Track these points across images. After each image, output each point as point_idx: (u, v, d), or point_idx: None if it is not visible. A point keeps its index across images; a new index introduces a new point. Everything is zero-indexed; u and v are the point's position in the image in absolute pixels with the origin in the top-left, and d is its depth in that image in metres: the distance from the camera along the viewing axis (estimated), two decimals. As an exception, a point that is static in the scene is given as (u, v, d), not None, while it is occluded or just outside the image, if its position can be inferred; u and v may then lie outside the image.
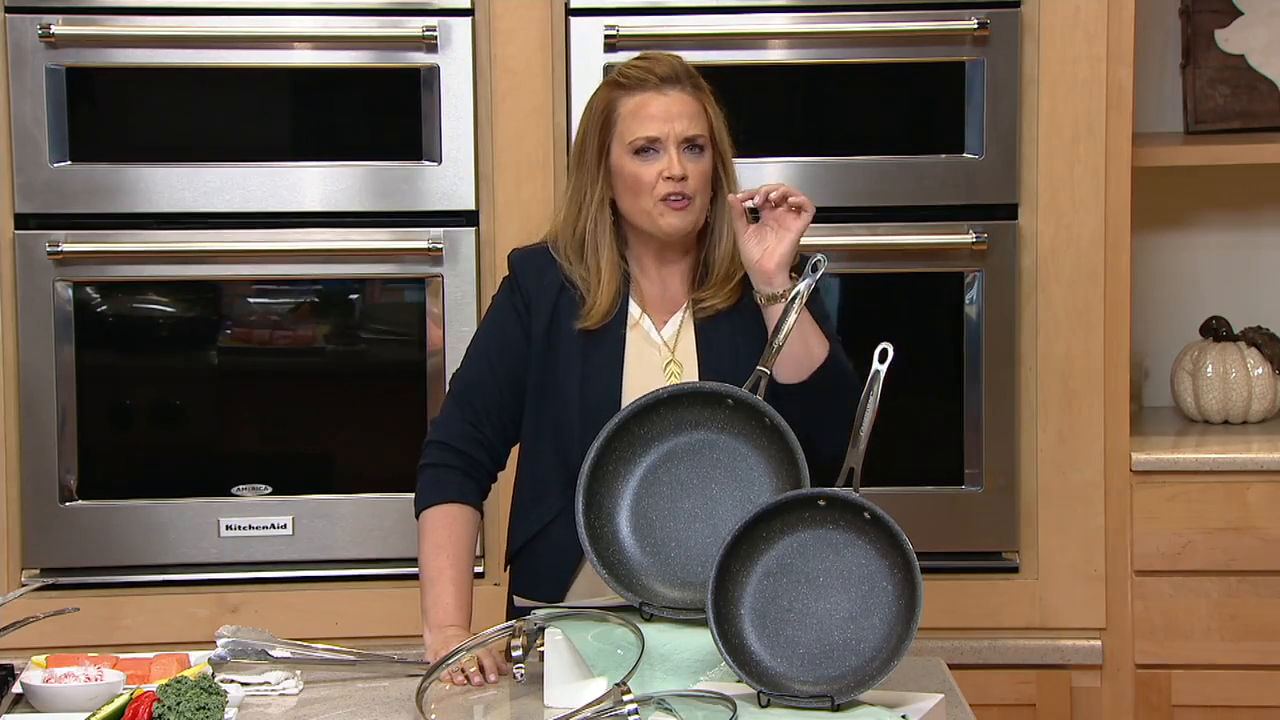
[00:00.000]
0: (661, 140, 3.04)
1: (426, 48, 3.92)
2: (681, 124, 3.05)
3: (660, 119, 3.05)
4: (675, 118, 3.05)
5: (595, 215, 3.11)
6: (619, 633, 2.82)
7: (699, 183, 3.06)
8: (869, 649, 2.67)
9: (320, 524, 4.00)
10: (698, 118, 3.06)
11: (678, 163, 3.04)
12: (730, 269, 3.10)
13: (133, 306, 4.01)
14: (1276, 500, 4.00)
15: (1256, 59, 4.41)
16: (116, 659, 2.91)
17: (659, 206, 3.05)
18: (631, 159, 3.06)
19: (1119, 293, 4.00)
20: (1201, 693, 4.03)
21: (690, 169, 3.05)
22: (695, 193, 3.06)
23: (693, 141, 3.05)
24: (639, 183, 3.06)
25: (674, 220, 3.06)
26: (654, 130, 3.05)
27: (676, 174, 3.03)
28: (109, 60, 3.91)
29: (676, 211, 3.05)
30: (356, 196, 3.95)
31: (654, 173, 3.05)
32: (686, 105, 3.06)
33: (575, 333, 3.12)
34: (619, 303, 3.12)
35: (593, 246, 3.11)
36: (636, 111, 3.06)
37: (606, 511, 2.92)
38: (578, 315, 3.12)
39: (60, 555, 3.97)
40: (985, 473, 4.02)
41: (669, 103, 3.06)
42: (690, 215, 3.06)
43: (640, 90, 3.07)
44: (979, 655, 4.01)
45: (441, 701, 2.85)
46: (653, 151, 3.05)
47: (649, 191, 3.05)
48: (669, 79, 3.07)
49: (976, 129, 3.96)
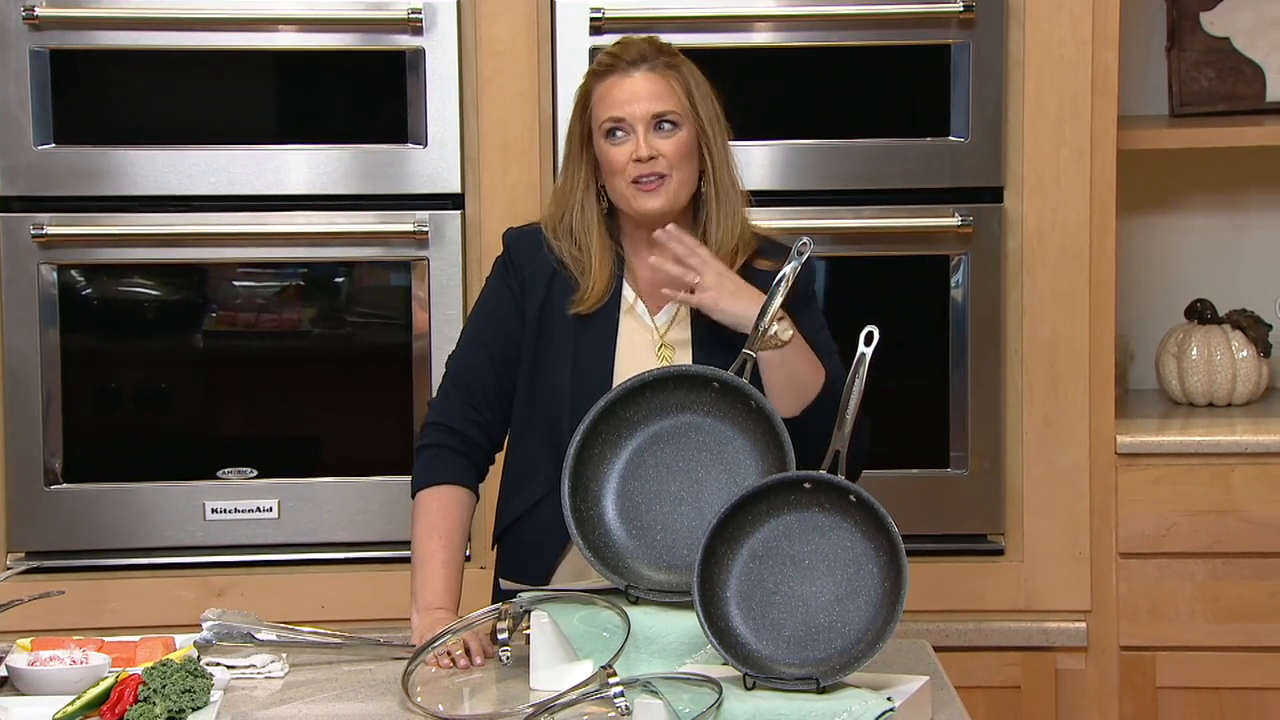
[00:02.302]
0: (628, 121, 3.06)
1: (412, 30, 3.91)
2: (646, 104, 3.06)
3: (625, 100, 3.06)
4: (641, 98, 3.06)
5: (582, 202, 3.12)
6: (605, 615, 2.82)
7: (674, 160, 3.06)
8: (854, 631, 2.67)
9: (306, 507, 4.00)
10: (664, 95, 3.07)
11: (644, 143, 3.05)
12: (726, 250, 3.09)
13: (117, 290, 4.00)
14: (1260, 483, 4.01)
15: (1241, 42, 4.41)
16: (102, 642, 2.91)
17: (631, 189, 3.07)
18: (604, 142, 3.08)
19: (1104, 275, 4.01)
20: (1186, 674, 4.04)
21: (661, 146, 3.05)
22: (670, 169, 3.06)
23: (661, 118, 3.06)
24: (611, 165, 3.07)
25: (645, 202, 3.07)
26: (619, 111, 3.06)
27: (643, 154, 3.04)
28: (93, 43, 3.90)
29: (647, 193, 3.06)
30: (342, 179, 3.95)
31: (625, 155, 3.06)
32: (652, 84, 3.07)
33: (569, 315, 3.12)
34: (613, 286, 3.13)
35: (582, 232, 3.12)
36: (605, 95, 3.08)
37: (592, 494, 2.93)
38: (571, 297, 3.12)
39: (45, 539, 3.97)
40: (971, 455, 4.03)
41: (633, 84, 3.07)
42: (664, 195, 3.07)
43: (610, 74, 3.09)
44: (964, 638, 4.02)
45: (427, 684, 2.86)
46: (621, 133, 3.07)
47: (621, 173, 3.07)
48: (634, 61, 3.08)
49: (962, 112, 3.96)
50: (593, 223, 3.12)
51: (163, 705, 2.64)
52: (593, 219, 3.12)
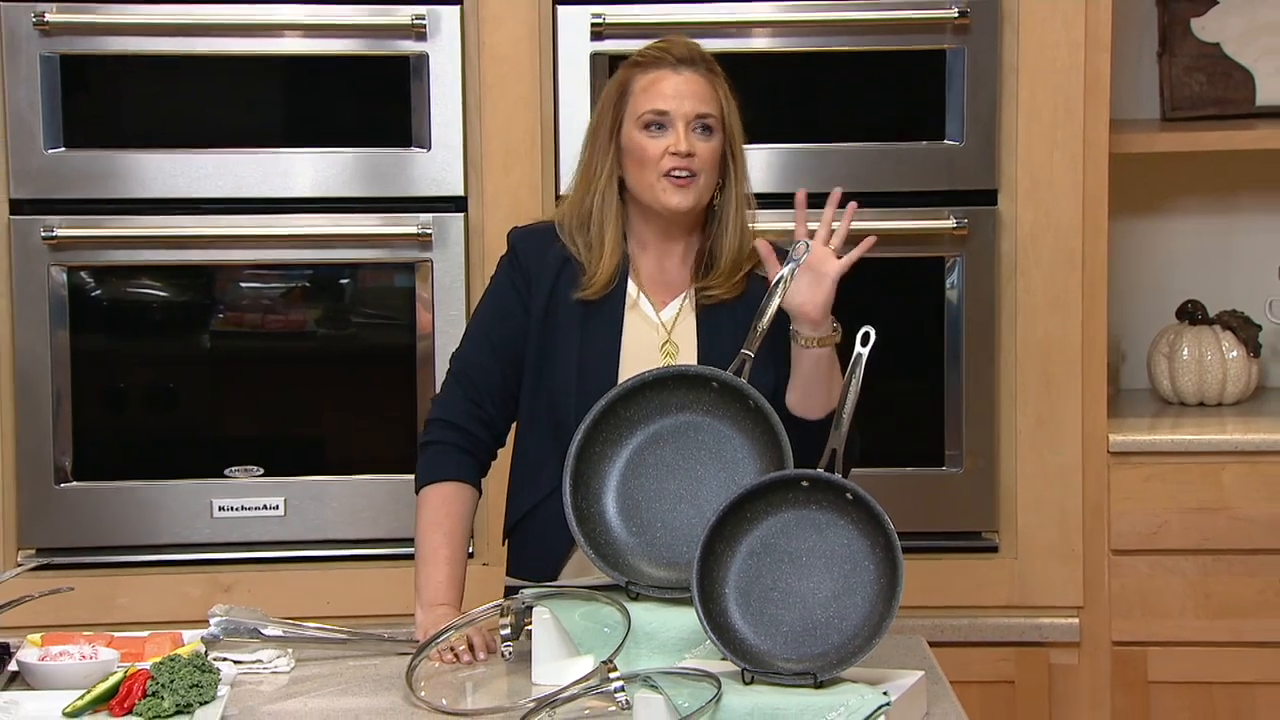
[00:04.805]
0: (670, 115, 3.07)
1: (416, 36, 3.93)
2: (691, 103, 3.07)
3: (671, 95, 3.07)
4: (686, 96, 3.07)
5: (604, 190, 3.13)
6: (606, 611, 2.83)
7: (706, 162, 3.08)
8: (851, 627, 2.67)
9: (312, 505, 4.01)
10: (709, 99, 3.09)
11: (684, 139, 3.06)
12: (736, 261, 3.12)
13: (126, 291, 4.01)
14: (1250, 481, 4.02)
15: (1232, 47, 4.41)
16: (111, 637, 2.92)
17: (662, 181, 3.07)
18: (640, 133, 3.08)
19: (1096, 277, 4.01)
20: (1177, 669, 4.05)
21: (699, 147, 3.07)
22: (701, 171, 3.08)
23: (703, 120, 3.08)
24: (645, 155, 3.07)
25: (675, 197, 3.07)
26: (664, 105, 3.07)
27: (682, 149, 3.05)
28: (102, 48, 3.91)
29: (679, 188, 3.07)
30: (347, 182, 3.96)
31: (661, 147, 3.07)
32: (699, 86, 3.09)
33: (574, 312, 3.13)
34: (618, 277, 3.14)
35: (598, 220, 3.12)
36: (649, 87, 3.09)
37: (594, 492, 2.94)
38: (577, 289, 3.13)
39: (55, 535, 3.98)
40: (965, 454, 4.04)
41: (681, 81, 3.08)
42: (693, 194, 3.08)
43: (656, 68, 3.10)
44: (959, 633, 4.03)
45: (431, 679, 2.87)
46: (661, 127, 3.07)
47: (654, 165, 3.07)
48: (684, 60, 3.10)
49: (957, 116, 3.97)
50: (611, 212, 3.12)
51: (171, 699, 2.65)
52: (611, 208, 3.12)
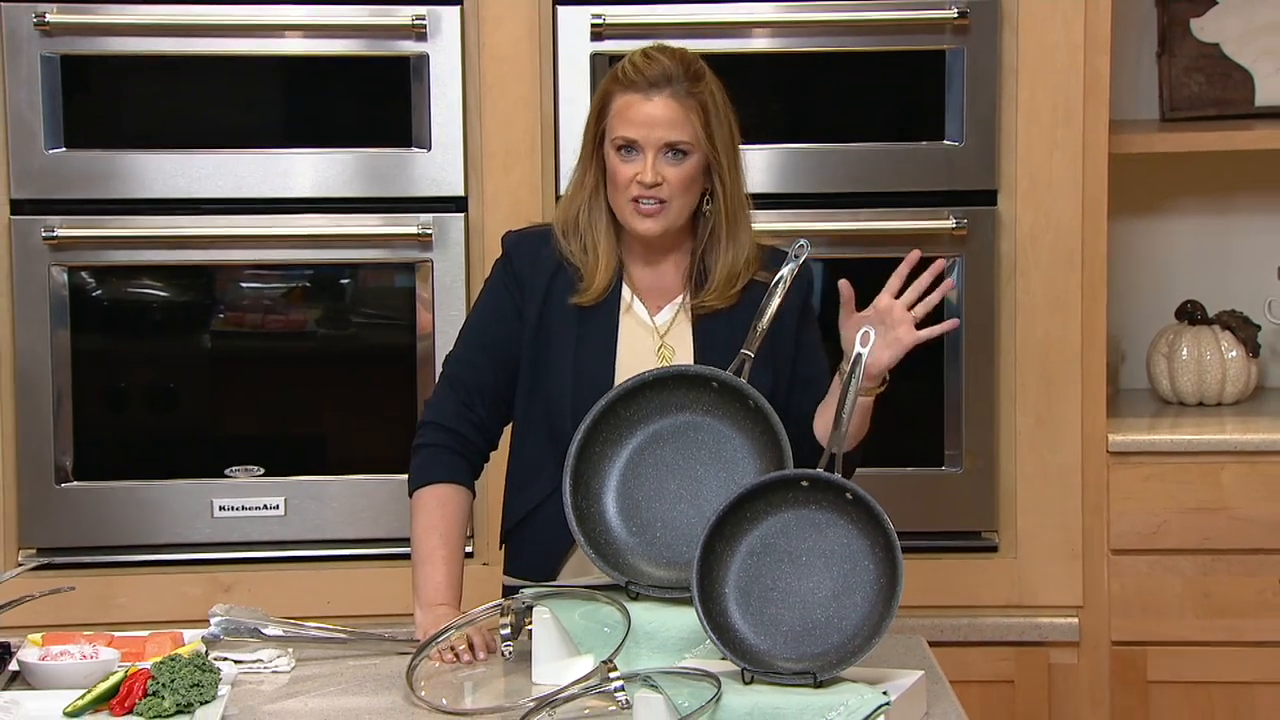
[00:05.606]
0: (640, 144, 3.04)
1: (416, 36, 3.93)
2: (661, 130, 3.03)
3: (641, 124, 3.03)
4: (657, 124, 3.03)
5: (590, 200, 3.12)
6: (606, 611, 2.84)
7: (676, 188, 3.05)
8: (851, 627, 2.68)
9: (312, 505, 4.01)
10: (679, 124, 3.04)
11: (650, 169, 3.03)
12: (731, 275, 3.11)
13: (127, 291, 4.01)
14: (1249, 480, 4.02)
15: (1231, 48, 4.41)
16: (111, 637, 2.93)
17: (630, 207, 3.06)
18: (614, 155, 3.06)
19: (1096, 277, 4.02)
20: (1176, 669, 4.05)
21: (668, 173, 3.04)
22: (671, 197, 3.05)
23: (674, 147, 3.04)
24: (616, 178, 3.06)
25: (642, 224, 3.06)
26: (632, 133, 3.04)
27: (647, 180, 3.03)
28: (103, 49, 3.92)
29: (645, 216, 3.05)
30: (347, 183, 3.96)
31: (630, 173, 3.05)
32: (670, 111, 3.03)
33: (569, 314, 3.12)
34: (614, 282, 3.13)
35: (588, 226, 3.12)
36: (622, 112, 3.05)
37: (594, 492, 2.94)
38: (573, 293, 3.12)
39: (56, 535, 3.98)
40: (965, 454, 4.04)
41: (652, 108, 3.03)
42: (661, 221, 3.06)
43: (630, 91, 3.05)
44: (959, 633, 4.03)
45: (431, 679, 2.87)
46: (632, 150, 3.05)
47: (624, 190, 3.05)
48: (657, 83, 3.04)
49: (957, 116, 3.97)
50: (600, 218, 3.11)
51: (171, 699, 2.66)
52: (600, 215, 3.12)
